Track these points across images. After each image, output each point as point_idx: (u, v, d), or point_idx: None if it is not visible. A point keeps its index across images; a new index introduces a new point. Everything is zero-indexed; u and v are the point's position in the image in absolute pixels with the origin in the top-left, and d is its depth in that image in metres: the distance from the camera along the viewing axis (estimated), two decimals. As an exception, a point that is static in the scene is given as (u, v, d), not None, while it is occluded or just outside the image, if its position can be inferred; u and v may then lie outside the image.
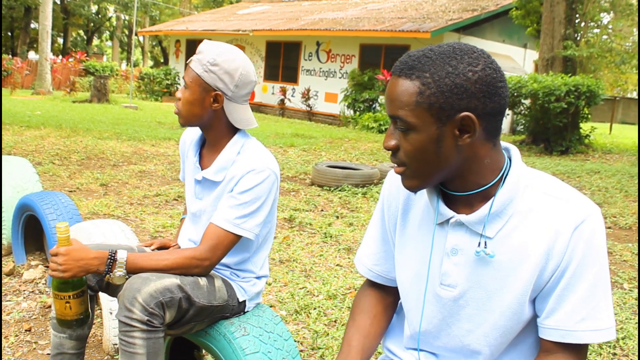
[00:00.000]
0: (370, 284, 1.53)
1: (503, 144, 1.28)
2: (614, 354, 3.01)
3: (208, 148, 2.05)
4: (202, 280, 1.89)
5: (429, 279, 1.31)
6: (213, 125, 1.97)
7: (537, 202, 1.19)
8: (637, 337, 3.20)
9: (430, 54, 1.15)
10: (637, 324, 3.40)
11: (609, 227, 6.03)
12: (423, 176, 1.20)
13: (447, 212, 1.26)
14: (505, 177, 1.21)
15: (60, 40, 43.57)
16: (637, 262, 4.59)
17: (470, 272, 1.25)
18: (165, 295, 1.73)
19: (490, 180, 1.21)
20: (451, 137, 1.15)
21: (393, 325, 1.52)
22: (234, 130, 2.00)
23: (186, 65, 1.96)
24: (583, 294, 1.16)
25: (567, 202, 1.18)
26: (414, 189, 1.24)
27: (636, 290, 4.04)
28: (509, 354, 1.29)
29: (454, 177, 1.22)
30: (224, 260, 2.01)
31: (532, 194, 1.20)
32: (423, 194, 1.33)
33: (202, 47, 1.93)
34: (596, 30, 17.70)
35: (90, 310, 1.90)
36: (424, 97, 1.13)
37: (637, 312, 3.63)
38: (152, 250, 2.11)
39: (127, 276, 1.80)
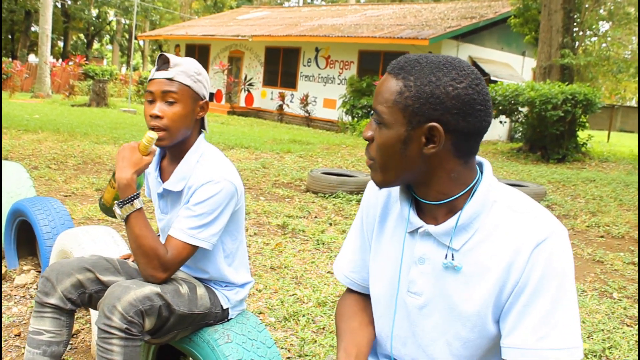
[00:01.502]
0: (351, 291, 1.55)
1: (478, 158, 1.30)
2: (600, 364, 3.03)
3: (169, 160, 2.04)
4: (184, 288, 1.91)
5: (399, 287, 1.34)
6: (192, 135, 1.99)
7: (503, 218, 1.21)
8: (623, 347, 3.22)
9: (423, 61, 1.19)
10: (624, 334, 3.42)
11: (602, 236, 6.05)
12: (387, 172, 1.24)
13: (417, 222, 1.29)
14: (474, 192, 1.24)
15: (61, 44, 43.65)
16: (637, 271, 4.60)
17: (435, 282, 1.27)
18: (145, 303, 1.75)
19: (456, 193, 1.23)
20: (417, 143, 1.19)
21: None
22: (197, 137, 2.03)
23: (151, 81, 1.92)
24: (543, 312, 1.16)
25: (531, 219, 1.19)
26: (379, 184, 1.28)
27: (625, 300, 4.06)
28: None
29: (418, 183, 1.25)
30: (201, 276, 2.04)
31: (499, 209, 1.22)
32: (398, 204, 1.35)
33: (175, 59, 1.92)
34: (594, 39, 17.75)
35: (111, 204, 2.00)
36: (402, 98, 1.17)
37: (624, 322, 3.65)
38: (132, 261, 2.13)
39: (122, 219, 1.86)
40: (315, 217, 6.01)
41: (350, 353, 1.37)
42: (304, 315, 3.35)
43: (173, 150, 2.00)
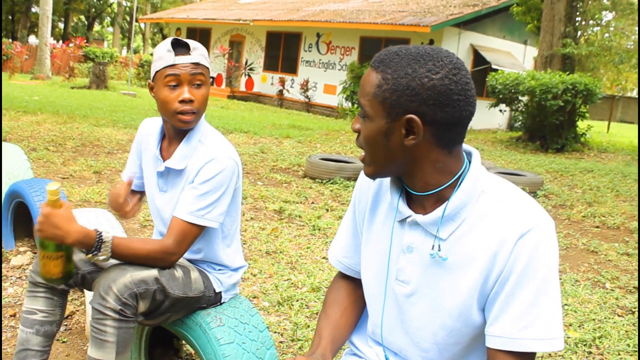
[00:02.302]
0: (342, 276, 1.58)
1: (466, 147, 1.31)
2: (589, 352, 3.06)
3: (170, 140, 2.05)
4: (178, 272, 1.93)
5: (388, 274, 1.36)
6: None
7: (490, 209, 1.22)
8: (613, 336, 3.25)
9: (402, 53, 1.20)
10: (614, 324, 3.45)
11: (597, 227, 6.08)
12: (376, 164, 1.27)
13: (406, 211, 1.30)
14: (461, 182, 1.25)
15: (61, 25, 43.47)
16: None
17: (423, 271, 1.29)
18: (140, 286, 1.78)
19: (443, 183, 1.24)
20: (398, 134, 1.20)
21: (361, 321, 1.56)
22: None
23: (172, 66, 1.88)
24: (526, 302, 1.18)
25: (517, 211, 1.20)
26: (370, 175, 1.31)
27: (617, 290, 4.08)
28: None
29: (405, 173, 1.27)
30: (194, 257, 2.06)
31: (487, 200, 1.23)
32: (388, 194, 1.37)
33: (192, 43, 1.92)
34: (597, 29, 17.70)
35: (72, 271, 1.87)
36: (381, 91, 1.19)
37: (615, 312, 3.68)
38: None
39: (109, 258, 1.82)
40: (312, 202, 6.03)
41: (323, 336, 1.43)
42: (297, 300, 3.38)
43: (177, 130, 2.01)
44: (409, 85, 1.16)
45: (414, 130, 1.19)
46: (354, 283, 1.55)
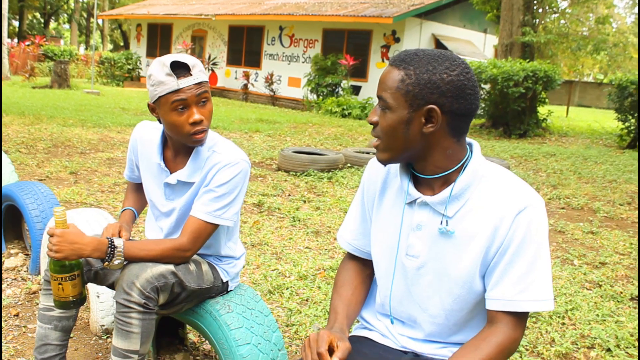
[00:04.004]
0: (350, 257, 1.76)
1: (467, 139, 1.51)
2: (563, 324, 3.28)
3: (175, 149, 2.11)
4: (192, 266, 2.07)
5: (398, 251, 1.53)
6: None
7: (490, 191, 1.43)
8: (584, 308, 3.49)
9: (420, 54, 1.40)
10: (584, 297, 3.69)
11: (562, 208, 6.36)
12: (392, 151, 1.44)
13: (415, 194, 1.49)
14: (465, 167, 1.44)
15: (16, 23, 42.51)
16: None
17: (431, 245, 1.48)
18: (160, 280, 1.91)
19: (451, 167, 1.44)
20: (418, 123, 1.39)
21: (368, 297, 1.73)
22: None
23: (177, 91, 1.90)
24: (523, 269, 1.39)
25: (513, 192, 1.41)
26: (384, 161, 1.48)
27: (585, 266, 4.34)
28: (466, 326, 1.52)
29: (419, 159, 1.45)
30: (204, 252, 2.19)
31: (487, 183, 1.44)
32: (397, 178, 1.55)
33: (190, 61, 1.93)
34: (554, 16, 18.15)
35: (84, 294, 2.04)
36: (404, 85, 1.38)
37: (584, 286, 3.93)
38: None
39: (124, 263, 1.96)
40: (289, 195, 6.17)
41: (339, 313, 1.60)
42: (287, 288, 3.53)
43: (185, 145, 2.07)
44: (430, 79, 1.36)
45: (433, 119, 1.38)
46: (362, 264, 1.73)
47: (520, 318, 1.41)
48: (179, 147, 2.10)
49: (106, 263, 1.94)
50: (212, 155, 2.07)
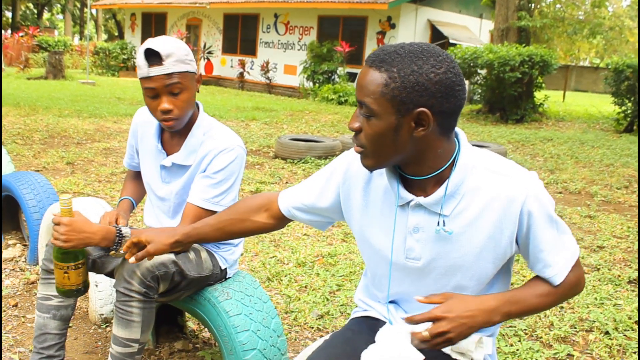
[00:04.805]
0: (274, 208, 1.68)
1: None
2: (561, 307, 3.29)
3: (171, 133, 2.13)
4: (191, 254, 2.06)
5: (392, 254, 1.48)
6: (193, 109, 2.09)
7: (484, 180, 1.37)
8: (582, 292, 3.50)
9: (401, 52, 1.29)
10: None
11: (560, 192, 6.37)
12: (379, 158, 1.35)
13: (407, 196, 1.42)
14: (456, 162, 1.38)
15: (9, 14, 42.24)
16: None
17: (432, 246, 1.43)
18: (161, 269, 1.90)
19: (442, 165, 1.38)
20: (407, 128, 1.29)
21: (365, 284, 1.71)
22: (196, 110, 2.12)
23: (147, 78, 1.91)
24: (552, 243, 1.39)
25: (510, 178, 1.36)
26: (370, 167, 1.39)
27: (582, 250, 4.34)
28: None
29: (409, 162, 1.38)
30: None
31: (478, 173, 1.38)
32: (383, 177, 1.48)
33: (164, 50, 1.90)
34: (550, 0, 18.09)
35: (88, 282, 2.02)
36: (389, 89, 1.27)
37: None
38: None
39: None
40: (287, 182, 6.17)
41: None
42: (286, 275, 3.53)
43: None
44: (417, 81, 1.25)
45: (424, 122, 1.29)
46: (273, 215, 1.68)
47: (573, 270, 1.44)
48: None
49: (113, 252, 1.92)
50: (207, 141, 2.07)
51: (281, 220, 1.69)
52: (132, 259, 1.71)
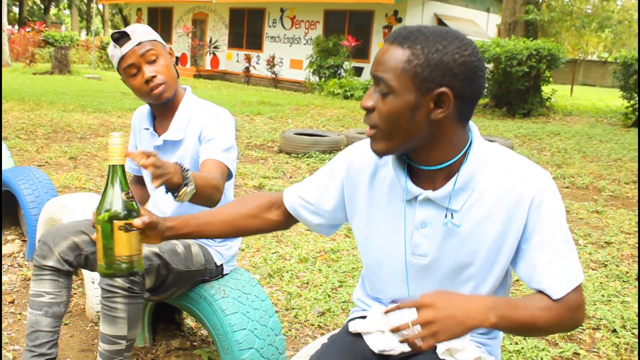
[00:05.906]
0: (278, 203, 1.61)
1: None
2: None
3: (162, 117, 2.16)
4: (180, 248, 2.01)
5: (406, 251, 1.41)
6: (178, 87, 2.12)
7: (496, 176, 1.31)
8: (589, 288, 3.43)
9: (425, 31, 1.24)
10: (589, 277, 3.63)
11: (567, 187, 6.29)
12: (391, 140, 1.27)
13: (415, 190, 1.35)
14: (468, 154, 1.32)
15: (16, 10, 42.29)
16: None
17: (439, 242, 1.36)
18: (144, 263, 1.85)
19: (454, 156, 1.31)
20: (426, 109, 1.23)
21: (364, 283, 1.65)
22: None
23: (123, 58, 2.01)
24: (555, 252, 1.30)
25: (522, 175, 1.30)
26: (380, 152, 1.31)
27: (590, 246, 4.27)
28: None
29: (421, 149, 1.31)
30: None
31: (492, 168, 1.31)
32: (388, 170, 1.41)
33: (128, 29, 2.02)
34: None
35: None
36: (411, 66, 1.21)
37: (589, 266, 3.87)
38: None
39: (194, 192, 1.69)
40: (290, 177, 6.11)
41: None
42: (287, 272, 3.48)
43: (166, 106, 2.11)
44: (442, 59, 1.20)
45: (443, 104, 1.23)
46: (280, 213, 1.60)
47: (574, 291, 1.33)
48: (162, 111, 2.14)
49: (181, 192, 1.64)
50: (195, 115, 2.10)
51: (289, 218, 1.62)
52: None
